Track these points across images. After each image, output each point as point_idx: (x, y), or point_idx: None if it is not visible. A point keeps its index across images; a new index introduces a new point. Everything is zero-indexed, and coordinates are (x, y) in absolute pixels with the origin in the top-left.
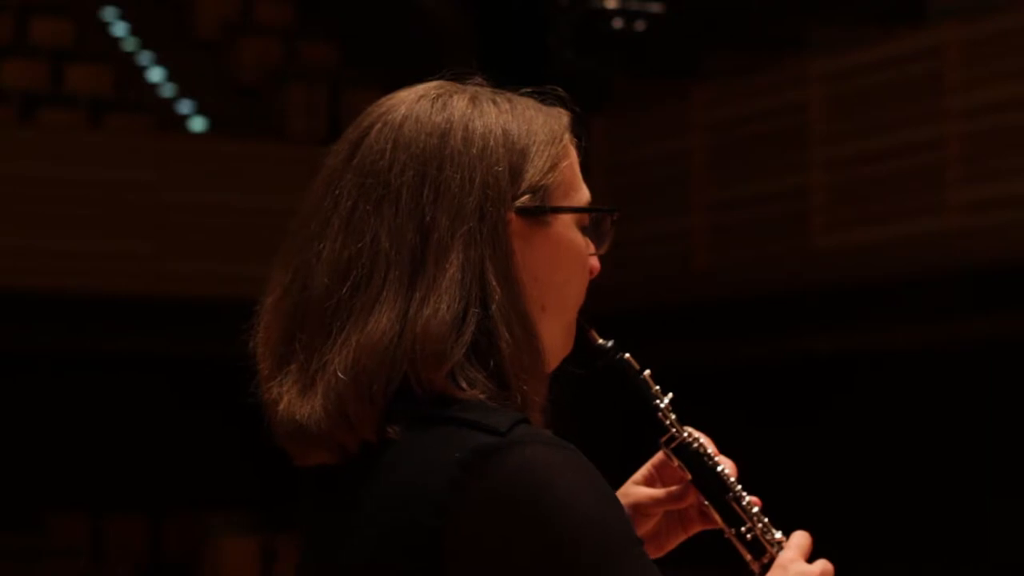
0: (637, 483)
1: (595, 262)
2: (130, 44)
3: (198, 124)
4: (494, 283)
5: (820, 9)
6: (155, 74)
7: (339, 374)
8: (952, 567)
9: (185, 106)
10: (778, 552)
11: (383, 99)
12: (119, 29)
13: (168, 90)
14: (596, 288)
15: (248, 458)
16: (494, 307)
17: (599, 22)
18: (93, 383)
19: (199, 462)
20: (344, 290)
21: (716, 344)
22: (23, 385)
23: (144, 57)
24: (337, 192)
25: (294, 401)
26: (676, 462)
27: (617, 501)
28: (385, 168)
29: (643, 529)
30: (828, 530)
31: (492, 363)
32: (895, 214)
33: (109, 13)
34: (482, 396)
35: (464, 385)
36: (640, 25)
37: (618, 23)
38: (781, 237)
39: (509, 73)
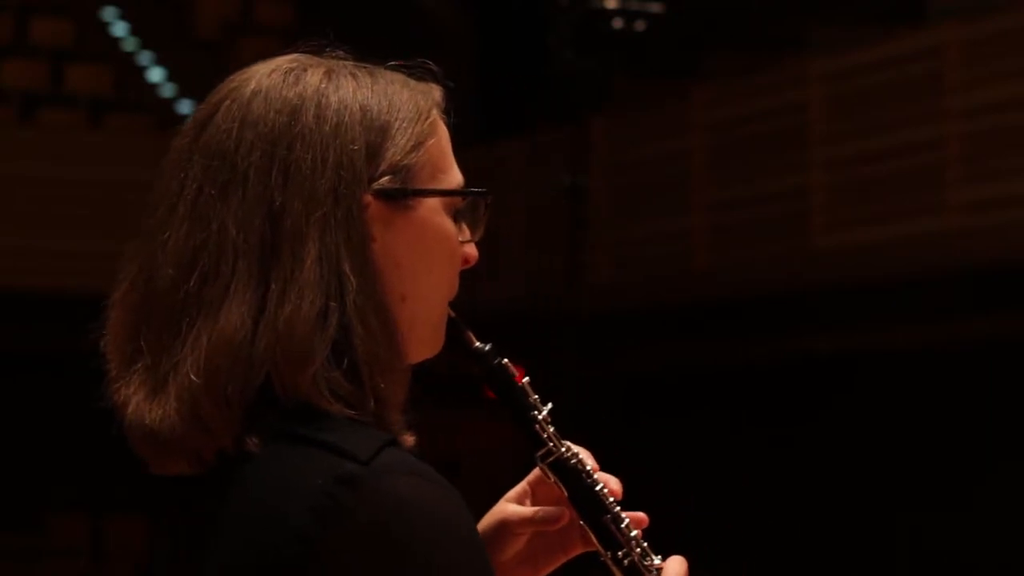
0: (509, 500)
1: (470, 250)
2: (130, 44)
3: None
4: (348, 273)
5: (820, 9)
6: (155, 74)
7: (191, 376)
8: (952, 566)
9: (185, 106)
10: None
11: (235, 73)
12: (119, 29)
13: (168, 90)
14: (596, 288)
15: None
16: (349, 299)
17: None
18: (93, 383)
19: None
20: (191, 283)
21: (716, 344)
22: (23, 385)
23: (144, 57)
24: (183, 176)
25: (142, 404)
26: (552, 478)
27: (478, 541)
28: (232, 149)
29: (512, 550)
30: (828, 530)
31: (346, 360)
32: (895, 214)
33: (109, 13)
34: (345, 408)
35: (325, 390)
36: (640, 25)
37: (618, 23)
38: (781, 237)
39: (509, 73)
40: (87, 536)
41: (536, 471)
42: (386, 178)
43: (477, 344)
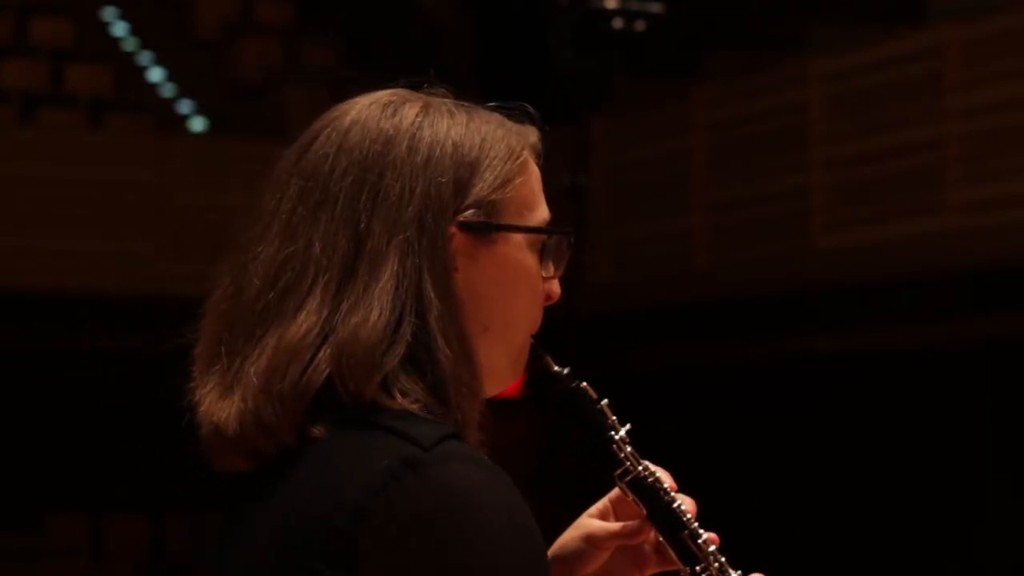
0: (592, 516)
1: (553, 287)
2: (130, 44)
3: (198, 124)
4: (432, 296)
5: (820, 9)
6: (155, 74)
7: (253, 377)
8: (952, 567)
9: (185, 106)
10: None
11: (339, 104)
12: (119, 29)
13: (168, 90)
14: (596, 288)
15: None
16: (432, 319)
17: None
18: (93, 383)
19: (199, 462)
20: (273, 294)
21: (716, 344)
22: (23, 385)
23: (144, 57)
24: (280, 196)
25: (213, 404)
26: (631, 496)
27: (534, 530)
28: (327, 172)
29: (595, 564)
30: (828, 530)
31: (430, 375)
32: (895, 214)
33: (109, 13)
34: (415, 407)
35: (397, 395)
36: (640, 25)
37: (618, 23)
38: (781, 237)
39: (509, 73)
40: (87, 536)
41: (615, 490)
42: (471, 211)
43: (556, 368)
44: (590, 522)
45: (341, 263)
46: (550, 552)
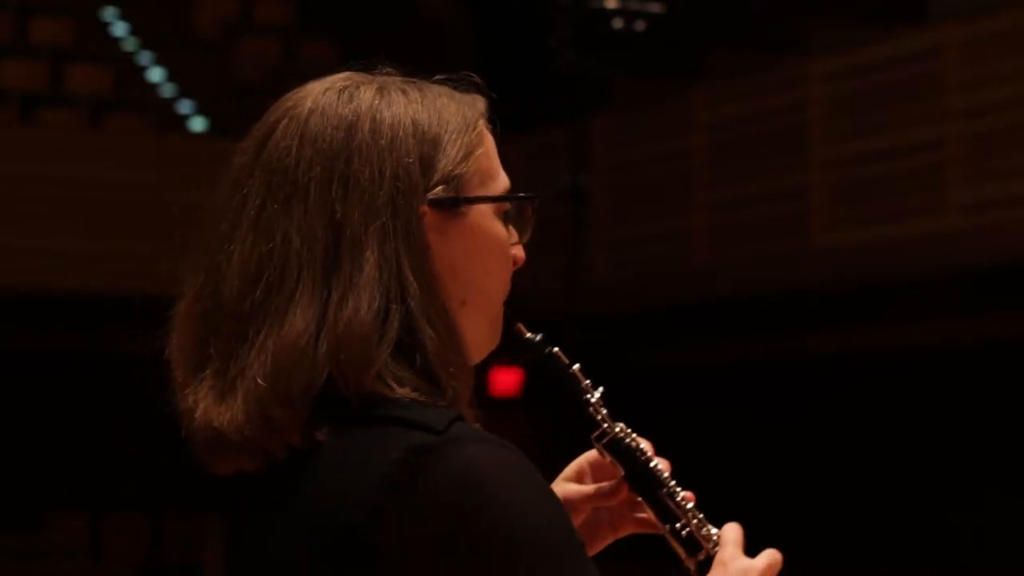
0: (567, 479)
1: (519, 252)
2: (130, 44)
3: (198, 124)
4: (411, 278)
5: (820, 9)
6: (155, 74)
7: (258, 380)
8: (952, 566)
9: (185, 106)
10: (714, 549)
11: (291, 92)
12: (119, 29)
13: (168, 90)
14: (596, 288)
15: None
16: (413, 303)
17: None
18: (93, 383)
19: (199, 462)
20: (257, 293)
21: (716, 344)
22: (23, 385)
23: (144, 57)
24: (245, 191)
25: (211, 408)
26: (608, 458)
27: (557, 500)
28: (292, 165)
29: None
30: (828, 529)
31: (418, 359)
32: (895, 214)
33: (109, 13)
34: (414, 394)
35: (393, 384)
36: (640, 25)
37: (618, 23)
38: (781, 237)
39: (509, 73)
40: (87, 536)
41: (591, 452)
42: (440, 188)
43: (529, 335)
44: (565, 486)
45: (323, 255)
46: None
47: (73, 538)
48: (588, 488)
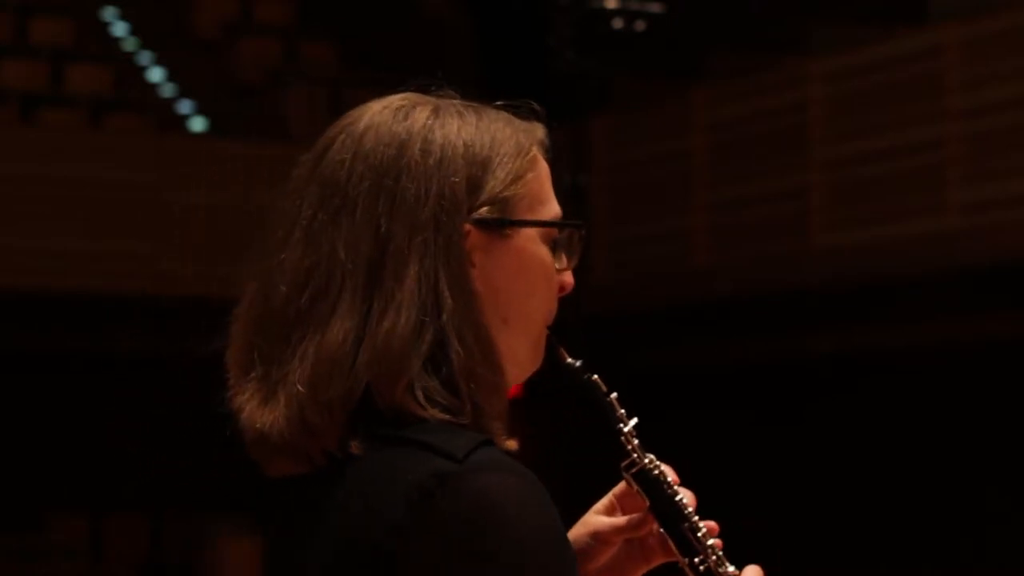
0: (598, 512)
1: (566, 278)
2: (130, 44)
3: (198, 124)
4: (447, 294)
5: (820, 9)
6: (155, 74)
7: (298, 386)
8: (952, 566)
9: (185, 106)
10: None
11: (351, 110)
12: (119, 29)
13: (168, 90)
14: (596, 288)
15: (249, 458)
16: (447, 317)
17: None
18: (93, 383)
19: (199, 462)
20: (303, 300)
21: (716, 344)
22: (23, 385)
23: (144, 57)
24: (300, 202)
25: (255, 411)
26: (635, 488)
27: (561, 529)
28: (344, 179)
29: (603, 559)
30: (828, 529)
31: (444, 372)
32: (895, 214)
33: (109, 13)
34: (440, 413)
35: (421, 397)
36: (640, 25)
37: (618, 23)
38: (781, 237)
39: (509, 73)
40: (87, 536)
41: (621, 485)
42: (485, 208)
43: (569, 360)
44: (596, 519)
45: (366, 267)
46: None
47: (73, 538)
48: (619, 520)
